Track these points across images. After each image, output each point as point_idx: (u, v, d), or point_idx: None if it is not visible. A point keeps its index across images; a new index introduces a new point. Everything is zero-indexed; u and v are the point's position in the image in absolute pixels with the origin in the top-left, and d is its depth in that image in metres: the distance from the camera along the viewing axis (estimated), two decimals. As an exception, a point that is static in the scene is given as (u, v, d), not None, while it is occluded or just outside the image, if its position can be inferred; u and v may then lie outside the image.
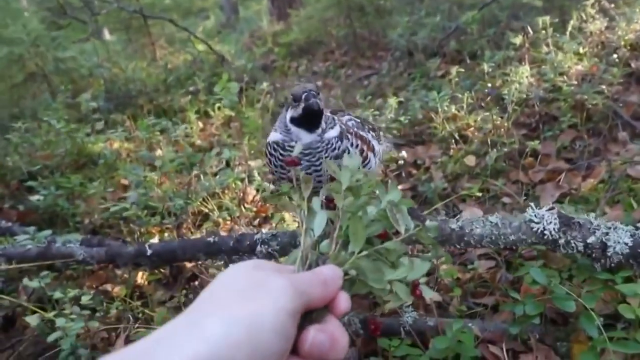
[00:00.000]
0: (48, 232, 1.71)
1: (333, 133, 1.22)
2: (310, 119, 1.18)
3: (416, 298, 0.62)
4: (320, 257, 0.60)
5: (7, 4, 5.77)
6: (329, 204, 0.68)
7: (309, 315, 0.48)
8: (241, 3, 11.66)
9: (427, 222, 0.69)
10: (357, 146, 1.28)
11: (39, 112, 3.95)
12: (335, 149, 1.21)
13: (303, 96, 1.15)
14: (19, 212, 2.24)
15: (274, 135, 1.24)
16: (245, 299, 0.41)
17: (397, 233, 0.64)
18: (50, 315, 1.33)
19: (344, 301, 0.50)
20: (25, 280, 1.59)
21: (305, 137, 1.19)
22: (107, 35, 7.63)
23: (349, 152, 1.25)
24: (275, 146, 1.21)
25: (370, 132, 1.40)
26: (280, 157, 1.21)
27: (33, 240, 1.65)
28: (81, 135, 2.87)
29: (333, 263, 0.56)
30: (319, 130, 1.19)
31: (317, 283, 0.48)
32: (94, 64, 4.88)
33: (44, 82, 4.70)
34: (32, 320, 1.31)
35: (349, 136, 1.27)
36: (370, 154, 1.30)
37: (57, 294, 1.37)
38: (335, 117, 1.29)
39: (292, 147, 1.19)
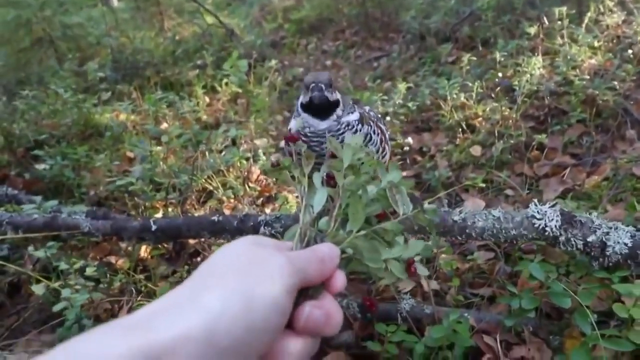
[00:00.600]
0: (54, 202, 1.73)
1: (353, 117, 1.22)
2: (317, 110, 1.18)
3: (411, 275, 0.64)
4: (318, 234, 0.60)
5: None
6: (330, 180, 0.68)
7: (305, 291, 0.49)
8: (252, -25, 11.39)
9: (426, 205, 0.70)
10: (378, 134, 1.28)
11: (45, 78, 3.94)
12: (357, 131, 1.21)
13: (310, 87, 1.15)
14: (25, 180, 2.26)
15: (293, 123, 1.25)
16: (243, 274, 0.42)
17: (395, 213, 0.65)
18: (55, 285, 1.36)
19: (340, 279, 0.51)
20: (31, 249, 1.62)
21: (315, 124, 1.20)
22: (115, 1, 7.51)
23: (371, 138, 1.25)
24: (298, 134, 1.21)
25: (385, 125, 1.41)
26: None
27: (39, 209, 1.68)
28: (88, 106, 2.86)
29: (331, 241, 0.57)
30: (333, 117, 1.20)
31: (314, 261, 0.49)
32: (102, 32, 4.83)
33: (51, 47, 4.65)
34: (38, 289, 1.34)
35: (371, 123, 1.27)
36: (386, 145, 1.31)
37: (63, 265, 1.39)
38: (356, 105, 1.29)
39: (312, 132, 1.19)
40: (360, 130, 1.22)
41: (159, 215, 2.03)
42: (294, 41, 5.93)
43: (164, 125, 3.00)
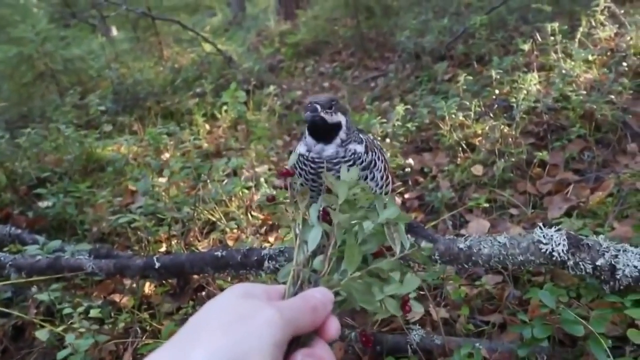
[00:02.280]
0: (57, 242, 1.72)
1: (360, 148, 1.19)
2: (315, 131, 1.15)
3: (405, 313, 0.63)
4: (312, 275, 0.59)
5: (15, 1, 5.80)
6: (326, 216, 0.67)
7: (297, 338, 0.48)
8: (248, 0, 11.65)
9: (423, 244, 0.69)
10: (382, 161, 1.27)
11: (47, 113, 3.99)
12: (363, 161, 1.19)
13: (306, 106, 1.13)
14: (28, 218, 2.26)
15: (300, 147, 1.21)
16: (231, 331, 0.41)
17: (391, 248, 0.64)
18: (59, 329, 1.35)
19: (333, 326, 0.50)
20: (35, 291, 1.61)
21: (319, 149, 1.17)
22: (114, 31, 7.65)
23: (375, 165, 1.23)
24: (301, 158, 1.18)
25: (385, 154, 1.40)
26: (307, 169, 1.18)
27: (42, 250, 1.67)
28: (90, 140, 2.89)
29: (325, 285, 0.56)
30: (337, 141, 1.16)
31: (306, 310, 0.48)
32: (102, 64, 4.91)
33: (53, 82, 4.72)
34: (42, 335, 1.33)
35: (376, 150, 1.26)
36: (389, 174, 1.30)
37: (67, 310, 1.38)
38: (362, 134, 1.27)
39: (313, 158, 1.16)
40: (366, 160, 1.19)
41: (163, 249, 2.02)
42: (291, 64, 6.00)
43: (166, 155, 3.02)
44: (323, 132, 1.17)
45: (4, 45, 4.74)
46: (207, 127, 3.58)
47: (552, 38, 2.98)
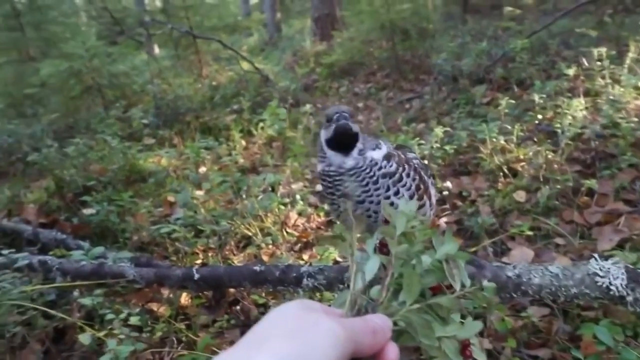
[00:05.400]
0: (100, 249, 1.77)
1: (377, 154, 1.19)
2: (342, 140, 1.17)
3: (466, 359, 0.60)
4: (369, 303, 0.58)
5: (67, 19, 6.17)
6: (383, 248, 0.66)
7: None
8: (284, 21, 11.96)
9: (485, 282, 0.66)
10: (414, 179, 1.25)
11: (92, 125, 4.18)
12: (381, 167, 1.19)
13: (335, 117, 1.15)
14: (73, 225, 2.34)
15: (319, 166, 1.25)
16: (294, 339, 0.41)
17: (451, 287, 0.62)
18: (100, 334, 1.37)
19: (392, 352, 0.49)
20: (77, 295, 1.65)
21: (339, 161, 1.18)
22: (156, 49, 7.99)
23: (401, 179, 1.22)
24: (323, 175, 1.21)
25: (430, 178, 1.37)
26: (329, 185, 1.21)
27: (87, 256, 1.72)
28: (133, 152, 2.99)
29: (383, 312, 0.55)
30: (355, 151, 1.17)
31: (367, 331, 0.47)
32: (145, 80, 5.12)
33: (99, 95, 4.95)
34: (85, 339, 1.35)
35: (406, 166, 1.24)
36: (426, 198, 1.27)
37: (110, 315, 1.40)
38: (382, 141, 1.27)
39: (332, 172, 1.18)
40: (386, 167, 1.19)
41: (199, 261, 2.04)
42: (325, 84, 6.08)
43: (203, 169, 3.08)
44: (347, 141, 1.18)
45: (55, 60, 5.03)
46: (244, 142, 3.65)
47: (598, 63, 2.90)
